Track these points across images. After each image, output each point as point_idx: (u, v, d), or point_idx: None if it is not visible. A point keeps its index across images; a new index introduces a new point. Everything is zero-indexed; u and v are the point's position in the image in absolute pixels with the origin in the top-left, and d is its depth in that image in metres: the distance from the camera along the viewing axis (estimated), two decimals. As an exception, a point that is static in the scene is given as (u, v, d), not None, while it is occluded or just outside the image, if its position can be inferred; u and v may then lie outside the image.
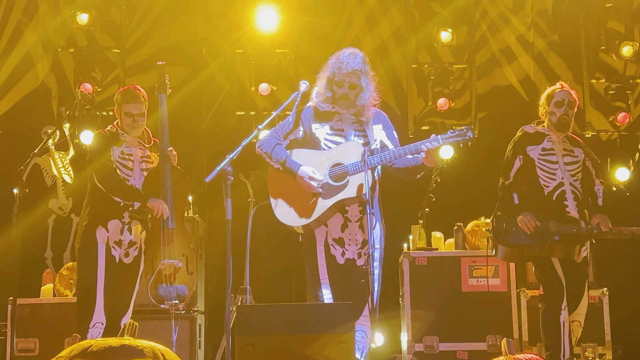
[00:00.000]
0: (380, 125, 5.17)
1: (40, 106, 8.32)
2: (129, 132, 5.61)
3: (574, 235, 5.35)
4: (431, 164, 5.01)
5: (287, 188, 5.08)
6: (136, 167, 5.59)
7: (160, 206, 5.46)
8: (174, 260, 5.52)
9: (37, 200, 7.81)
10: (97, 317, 5.37)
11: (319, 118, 5.14)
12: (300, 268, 5.29)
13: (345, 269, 5.05)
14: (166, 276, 5.50)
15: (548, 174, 5.48)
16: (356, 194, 4.93)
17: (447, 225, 7.43)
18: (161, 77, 5.84)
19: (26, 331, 6.76)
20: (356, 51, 5.13)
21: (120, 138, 5.61)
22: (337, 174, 5.00)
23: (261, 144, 5.16)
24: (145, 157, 5.65)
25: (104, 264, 5.44)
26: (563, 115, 5.55)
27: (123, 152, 5.57)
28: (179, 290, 5.50)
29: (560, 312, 5.32)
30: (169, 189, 5.53)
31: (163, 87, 5.83)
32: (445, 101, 8.31)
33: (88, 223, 5.53)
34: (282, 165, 5.06)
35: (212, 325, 7.59)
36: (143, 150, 5.66)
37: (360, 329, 4.93)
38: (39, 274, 7.34)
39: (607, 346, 6.87)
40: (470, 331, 6.90)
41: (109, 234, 5.48)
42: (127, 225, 5.52)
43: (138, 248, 5.58)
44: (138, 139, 5.66)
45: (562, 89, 5.62)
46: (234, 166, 4.73)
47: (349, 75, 5.03)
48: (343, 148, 5.04)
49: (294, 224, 5.07)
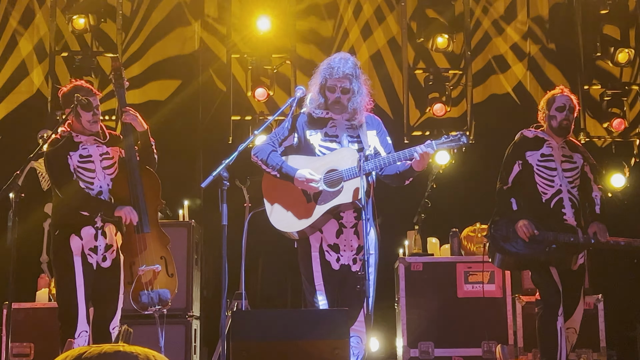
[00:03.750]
0: (374, 131, 5.17)
1: (36, 111, 8.32)
2: (89, 128, 5.37)
3: (571, 244, 5.34)
4: (420, 168, 4.99)
5: (281, 195, 5.09)
6: (98, 167, 5.38)
7: (129, 214, 5.28)
8: (153, 266, 5.37)
9: (33, 204, 7.80)
10: (80, 326, 5.22)
11: (313, 124, 5.14)
12: (296, 274, 5.29)
13: (340, 274, 5.05)
14: (146, 283, 5.35)
15: (546, 180, 5.47)
16: (351, 200, 4.94)
17: (443, 230, 7.44)
18: (117, 71, 5.56)
19: (21, 336, 6.75)
20: (347, 56, 5.14)
21: (75, 140, 5.38)
22: (332, 180, 5.00)
23: (256, 151, 5.15)
24: (104, 154, 5.41)
25: (82, 273, 5.27)
26: (564, 119, 5.52)
27: (82, 155, 5.35)
28: (161, 295, 5.35)
29: (557, 317, 5.31)
30: (140, 192, 5.36)
31: (120, 81, 5.55)
32: (442, 107, 8.32)
33: (60, 232, 5.35)
34: (279, 172, 5.06)
35: (208, 330, 7.59)
36: (100, 147, 5.42)
37: (356, 335, 4.93)
38: (34, 278, 7.33)
39: (602, 352, 6.88)
40: (466, 337, 6.91)
41: (83, 241, 5.30)
42: (100, 230, 5.34)
43: (116, 250, 5.41)
44: (93, 137, 5.42)
45: (563, 93, 5.59)
46: (230, 171, 4.73)
47: (340, 80, 5.03)
48: (338, 154, 5.04)
49: (289, 230, 5.07)
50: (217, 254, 5.00)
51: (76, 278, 5.27)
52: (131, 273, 5.38)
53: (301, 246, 5.13)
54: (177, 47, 8.68)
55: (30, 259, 7.67)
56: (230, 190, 4.71)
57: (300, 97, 5.14)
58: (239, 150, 4.81)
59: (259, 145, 5.21)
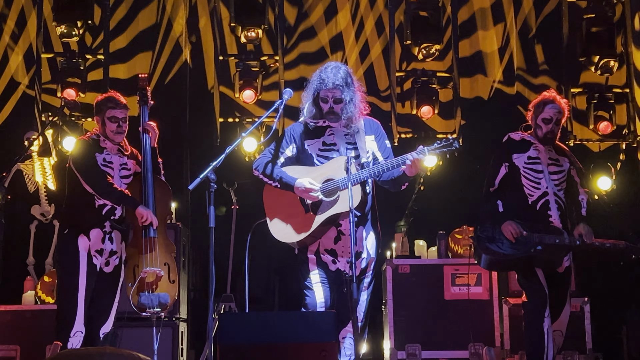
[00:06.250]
0: (373, 136, 5.20)
1: (22, 113, 8.29)
2: (113, 138, 5.61)
3: (556, 246, 5.36)
4: (412, 174, 5.03)
5: (281, 206, 5.14)
6: (116, 175, 5.58)
7: (150, 216, 5.46)
8: (156, 269, 5.52)
9: (20, 206, 7.78)
10: (77, 326, 5.31)
11: (311, 134, 5.18)
12: (284, 275, 5.30)
13: (335, 277, 5.09)
14: (148, 284, 5.50)
15: (533, 183, 5.49)
16: (348, 209, 4.95)
17: (431, 233, 7.45)
18: (142, 90, 5.88)
19: (7, 338, 6.72)
20: (338, 65, 5.15)
21: (102, 145, 5.60)
22: (329, 189, 5.04)
23: (257, 165, 5.21)
24: (123, 165, 5.63)
25: (86, 272, 5.40)
26: (548, 132, 5.53)
27: (105, 160, 5.56)
28: (161, 299, 5.49)
29: (544, 319, 5.32)
30: (151, 200, 5.54)
31: (145, 99, 5.87)
32: (429, 109, 8.33)
33: (70, 231, 5.49)
34: (279, 182, 5.11)
35: (195, 332, 7.58)
36: (122, 157, 5.65)
37: (350, 336, 4.97)
38: (21, 281, 7.31)
39: (589, 354, 6.91)
40: (453, 339, 6.93)
41: (91, 242, 5.44)
42: (108, 235, 5.49)
43: (119, 257, 5.56)
44: (118, 147, 5.65)
45: (553, 103, 5.53)
46: (218, 174, 4.73)
47: (332, 91, 5.06)
48: (334, 163, 5.07)
49: (288, 241, 5.13)
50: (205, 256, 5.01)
51: (79, 277, 5.39)
52: (134, 274, 5.51)
53: (301, 252, 5.19)
54: (163, 50, 8.68)
55: (16, 261, 7.65)
56: (218, 192, 4.72)
57: (287, 100, 5.16)
58: (226, 153, 4.81)
59: (258, 159, 5.27)
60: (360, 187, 5.00)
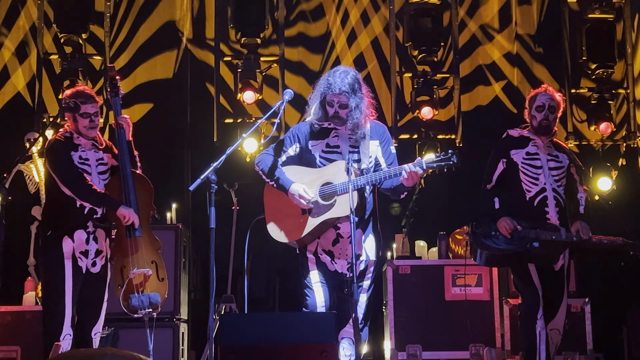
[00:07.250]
0: (377, 141, 5.19)
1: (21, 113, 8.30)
2: (86, 133, 5.43)
3: (553, 242, 5.36)
4: (410, 185, 5.03)
5: (279, 206, 5.13)
6: (94, 172, 5.43)
7: (132, 216, 5.34)
8: (144, 269, 5.39)
9: (20, 207, 7.77)
10: (65, 329, 5.22)
11: (316, 135, 5.18)
12: (284, 276, 5.30)
13: (334, 278, 5.09)
14: (137, 285, 5.37)
15: (531, 178, 5.48)
16: (342, 215, 4.95)
17: (431, 233, 7.45)
18: (112, 79, 5.65)
19: (7, 339, 6.72)
20: (347, 70, 5.13)
21: (76, 142, 5.43)
22: (326, 193, 5.04)
23: (258, 161, 5.22)
24: (100, 160, 5.47)
25: (72, 275, 5.28)
26: (543, 119, 5.51)
27: (81, 157, 5.41)
28: (152, 299, 5.37)
29: (536, 320, 5.32)
30: (133, 197, 5.40)
31: (115, 89, 5.64)
32: (429, 110, 8.33)
33: (52, 233, 5.35)
34: (276, 182, 5.12)
35: (196, 333, 7.58)
36: (97, 152, 5.48)
37: (350, 337, 4.97)
38: (21, 282, 7.30)
39: (589, 355, 6.90)
40: (453, 340, 6.93)
41: (75, 244, 5.31)
42: (92, 235, 5.36)
43: (105, 256, 5.43)
44: (92, 142, 5.48)
45: (545, 92, 5.57)
46: (219, 175, 4.73)
47: (337, 96, 5.04)
48: (334, 167, 5.07)
49: (282, 240, 5.13)
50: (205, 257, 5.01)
51: (65, 281, 5.27)
52: (122, 276, 5.39)
53: (301, 253, 5.20)
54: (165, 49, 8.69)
55: (17, 262, 7.65)
56: (218, 193, 4.72)
57: (288, 100, 5.16)
58: (227, 154, 4.81)
59: (260, 155, 5.27)
60: (357, 193, 4.98)
